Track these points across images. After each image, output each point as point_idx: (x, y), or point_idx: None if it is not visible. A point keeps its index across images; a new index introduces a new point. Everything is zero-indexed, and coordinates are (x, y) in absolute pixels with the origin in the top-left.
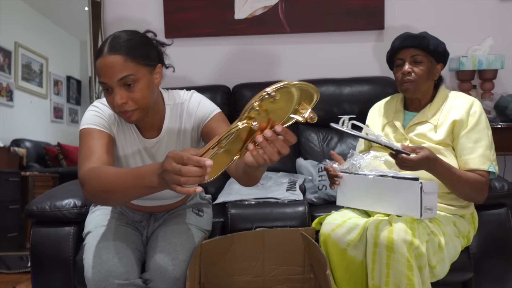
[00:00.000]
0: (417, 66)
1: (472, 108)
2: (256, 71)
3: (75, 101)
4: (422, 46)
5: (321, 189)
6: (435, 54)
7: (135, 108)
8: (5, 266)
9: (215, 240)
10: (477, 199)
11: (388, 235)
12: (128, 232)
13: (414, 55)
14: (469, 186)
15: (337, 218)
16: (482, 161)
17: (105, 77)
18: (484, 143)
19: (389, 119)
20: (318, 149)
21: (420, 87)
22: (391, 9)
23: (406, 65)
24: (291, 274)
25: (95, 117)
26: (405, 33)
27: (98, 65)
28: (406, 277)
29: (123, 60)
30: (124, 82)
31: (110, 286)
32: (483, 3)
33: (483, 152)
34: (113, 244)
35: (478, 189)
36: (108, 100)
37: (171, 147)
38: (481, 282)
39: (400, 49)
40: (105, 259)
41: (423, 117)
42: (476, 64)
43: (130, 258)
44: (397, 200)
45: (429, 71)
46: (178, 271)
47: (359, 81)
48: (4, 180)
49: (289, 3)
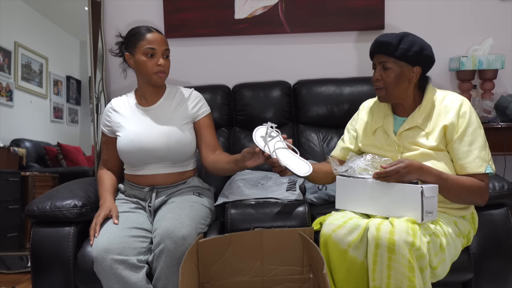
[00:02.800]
0: (385, 72)
1: (461, 108)
2: (256, 71)
3: (75, 101)
4: (389, 52)
5: (321, 189)
6: (405, 59)
7: (163, 71)
8: (5, 266)
9: (213, 239)
10: (477, 203)
11: (389, 236)
12: (130, 215)
13: (382, 62)
14: (465, 191)
15: (338, 219)
16: (478, 164)
17: (155, 44)
18: (478, 144)
19: (379, 124)
20: (318, 149)
21: (392, 92)
22: (391, 8)
23: (376, 71)
24: (290, 274)
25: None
26: (378, 37)
27: (149, 37)
28: (407, 279)
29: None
30: (166, 53)
31: (106, 262)
32: (483, 3)
33: (478, 154)
34: (110, 226)
35: (475, 193)
36: (150, 63)
37: (164, 114)
38: (481, 282)
39: (372, 54)
40: (101, 239)
41: (413, 122)
42: (476, 64)
43: (125, 237)
44: (397, 204)
45: (399, 77)
46: (184, 231)
47: (359, 81)
48: (4, 180)
49: (289, 3)
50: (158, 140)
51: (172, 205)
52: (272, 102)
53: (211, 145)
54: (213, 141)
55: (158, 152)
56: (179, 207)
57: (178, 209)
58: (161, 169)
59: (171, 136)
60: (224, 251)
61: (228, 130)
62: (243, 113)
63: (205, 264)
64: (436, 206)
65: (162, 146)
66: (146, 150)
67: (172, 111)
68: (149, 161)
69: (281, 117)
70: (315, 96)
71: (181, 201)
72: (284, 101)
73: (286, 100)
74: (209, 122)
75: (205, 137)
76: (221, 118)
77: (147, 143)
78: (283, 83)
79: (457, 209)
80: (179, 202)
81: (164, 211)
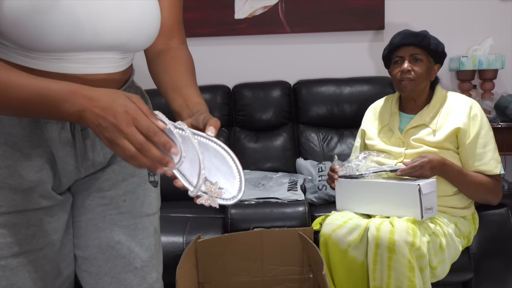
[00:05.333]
0: (416, 64)
1: (472, 111)
2: (256, 71)
3: None
4: (423, 44)
5: (321, 189)
6: (435, 54)
7: None
8: None
9: (212, 239)
10: (491, 201)
11: (389, 236)
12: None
13: (414, 54)
14: (483, 189)
15: (338, 219)
16: (494, 165)
17: None
18: (492, 146)
19: (385, 122)
20: (318, 149)
21: (418, 86)
22: (391, 8)
23: (405, 63)
24: (290, 274)
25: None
26: (405, 30)
27: None
28: (407, 279)
29: None
30: None
31: None
32: (483, 3)
33: (492, 155)
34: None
35: (492, 192)
36: None
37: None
38: (481, 282)
39: (400, 46)
40: None
41: (420, 120)
42: (476, 64)
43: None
44: (397, 203)
45: (428, 71)
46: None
47: (359, 81)
48: None
49: (289, 3)
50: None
51: (109, 242)
52: (272, 102)
53: (166, 24)
54: (172, 17)
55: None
56: (129, 234)
57: (122, 269)
58: (103, 62)
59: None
60: (224, 251)
61: (228, 130)
62: (243, 113)
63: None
64: (436, 201)
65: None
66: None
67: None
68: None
69: (281, 117)
70: (315, 96)
71: (127, 229)
72: (284, 101)
73: (286, 100)
74: None
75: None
76: (221, 118)
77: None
78: (283, 83)
79: (458, 209)
80: (121, 233)
81: (93, 260)
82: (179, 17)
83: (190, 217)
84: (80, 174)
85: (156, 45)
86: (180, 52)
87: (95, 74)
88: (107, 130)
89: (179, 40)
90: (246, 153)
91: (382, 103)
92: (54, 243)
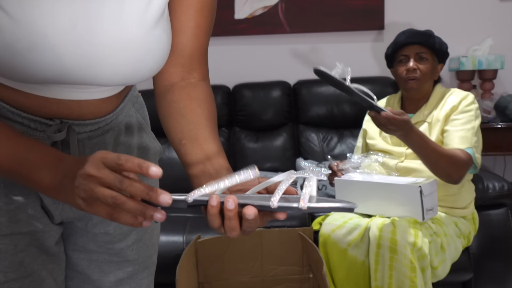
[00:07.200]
0: (421, 63)
1: (464, 98)
2: (256, 71)
3: None
4: (429, 43)
5: (321, 189)
6: (439, 53)
7: None
8: None
9: (212, 239)
10: (452, 177)
11: (391, 237)
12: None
13: (419, 52)
14: (444, 160)
15: (337, 219)
16: (460, 141)
17: None
18: (467, 127)
19: None
20: (318, 149)
21: (424, 85)
22: (391, 9)
23: (411, 61)
24: (290, 274)
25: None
26: (410, 29)
27: None
28: (409, 279)
29: None
30: None
31: None
32: (483, 3)
33: (464, 134)
34: None
35: (454, 165)
36: None
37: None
38: (481, 282)
39: (405, 45)
40: None
41: (419, 117)
42: (476, 64)
43: None
44: (397, 205)
45: (433, 70)
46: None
47: (359, 81)
48: None
49: (289, 3)
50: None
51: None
52: (272, 102)
53: (185, 52)
54: (194, 44)
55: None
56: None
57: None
58: (99, 91)
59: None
60: (224, 251)
61: (228, 130)
62: (243, 113)
63: (204, 264)
64: (436, 201)
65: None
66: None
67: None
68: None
69: (281, 117)
70: (315, 96)
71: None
72: (284, 101)
73: (286, 100)
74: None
75: (184, 29)
76: (221, 118)
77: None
78: (283, 83)
79: (458, 209)
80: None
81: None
82: (203, 46)
83: (190, 217)
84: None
85: (169, 76)
86: (200, 91)
87: (92, 100)
88: (79, 187)
89: (200, 75)
90: (246, 153)
91: (384, 103)
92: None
